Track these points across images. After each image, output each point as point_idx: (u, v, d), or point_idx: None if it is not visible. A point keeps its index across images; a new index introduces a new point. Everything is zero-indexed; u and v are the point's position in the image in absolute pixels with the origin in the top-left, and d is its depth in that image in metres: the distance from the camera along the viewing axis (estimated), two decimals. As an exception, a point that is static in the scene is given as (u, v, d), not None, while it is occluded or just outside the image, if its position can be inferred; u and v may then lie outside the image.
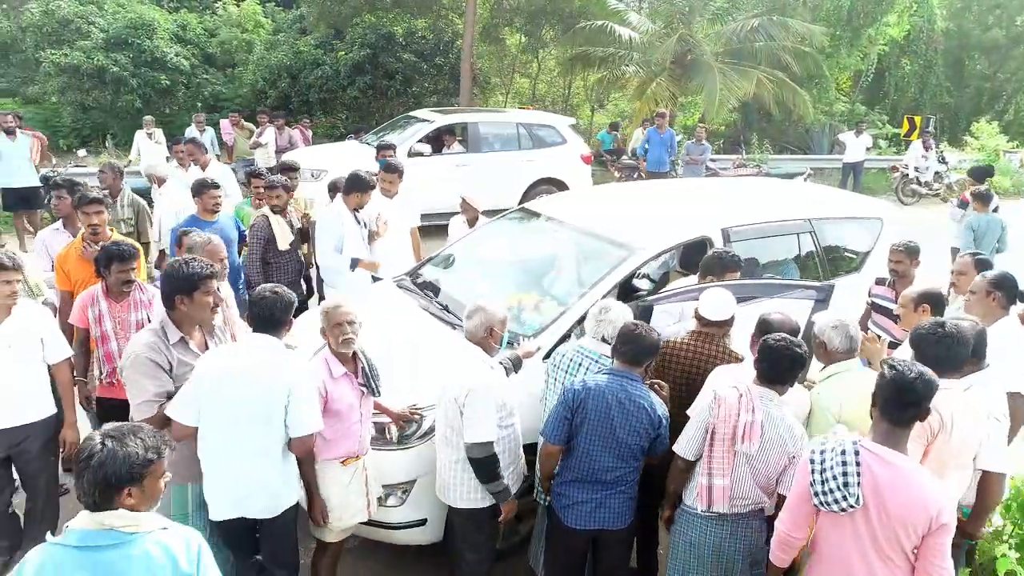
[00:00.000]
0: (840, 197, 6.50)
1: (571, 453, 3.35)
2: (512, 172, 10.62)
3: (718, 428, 3.05)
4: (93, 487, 2.07)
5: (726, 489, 3.06)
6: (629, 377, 3.30)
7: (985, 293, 3.92)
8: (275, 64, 17.71)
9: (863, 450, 2.56)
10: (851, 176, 14.59)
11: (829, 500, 2.58)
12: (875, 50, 17.96)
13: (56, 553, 2.06)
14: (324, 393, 3.26)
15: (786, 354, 3.04)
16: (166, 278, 3.22)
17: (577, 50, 16.63)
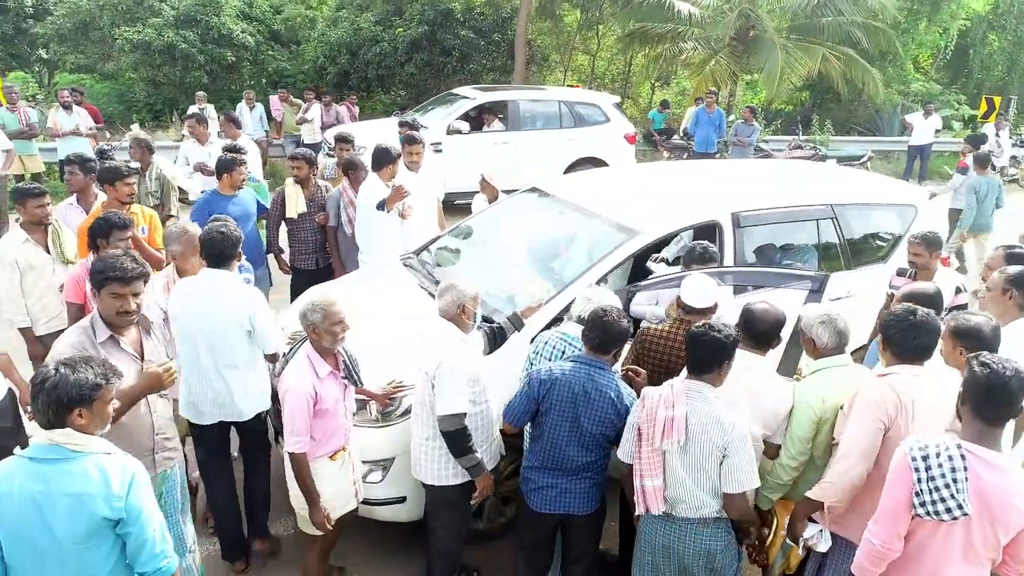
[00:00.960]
0: (871, 182, 6.18)
1: (538, 439, 3.35)
2: (552, 150, 10.53)
3: (643, 427, 2.99)
4: (47, 407, 2.31)
5: (658, 490, 2.96)
6: (596, 365, 3.25)
7: (1001, 291, 3.66)
8: (335, 41, 17.99)
9: (968, 454, 2.43)
10: (917, 160, 13.84)
11: (940, 509, 2.42)
12: (956, 25, 16.84)
13: (15, 463, 2.33)
14: (313, 395, 3.25)
15: (704, 341, 2.95)
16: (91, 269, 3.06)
17: (635, 26, 16.27)
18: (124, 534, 2.37)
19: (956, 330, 3.12)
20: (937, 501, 2.42)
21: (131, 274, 3.00)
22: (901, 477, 2.50)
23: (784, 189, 5.44)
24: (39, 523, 2.26)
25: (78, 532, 2.29)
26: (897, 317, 3.08)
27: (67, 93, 9.27)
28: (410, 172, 5.93)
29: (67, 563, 2.32)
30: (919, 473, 2.44)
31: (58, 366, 2.34)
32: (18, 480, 2.28)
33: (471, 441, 3.38)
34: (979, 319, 3.17)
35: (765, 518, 3.40)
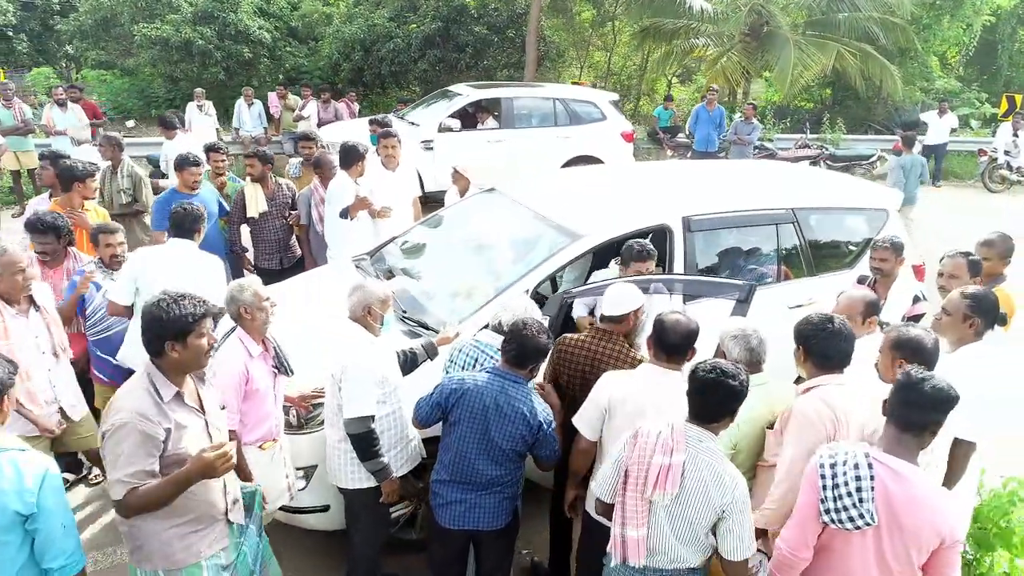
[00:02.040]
0: (839, 185, 5.99)
1: (447, 451, 3.29)
2: (547, 149, 10.43)
3: (631, 470, 2.66)
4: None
5: (642, 541, 2.65)
6: (511, 378, 3.17)
7: (962, 318, 3.36)
8: (349, 37, 18.06)
9: (876, 463, 2.41)
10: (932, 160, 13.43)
11: (843, 517, 2.40)
12: (980, 20, 16.28)
13: None
14: (245, 373, 3.28)
15: (720, 386, 2.58)
16: (150, 320, 2.64)
17: (648, 21, 16.06)
18: (33, 530, 2.39)
19: (896, 342, 3.03)
20: (841, 509, 2.40)
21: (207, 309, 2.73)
22: (810, 484, 2.49)
23: (742, 192, 5.31)
24: None
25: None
26: (815, 326, 3.02)
27: (61, 91, 9.46)
28: (386, 169, 5.93)
29: None
30: (824, 480, 2.43)
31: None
32: None
33: (378, 445, 3.36)
34: (919, 332, 3.06)
35: None
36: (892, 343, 3.04)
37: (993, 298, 3.43)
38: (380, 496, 3.50)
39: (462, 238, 5.21)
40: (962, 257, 4.14)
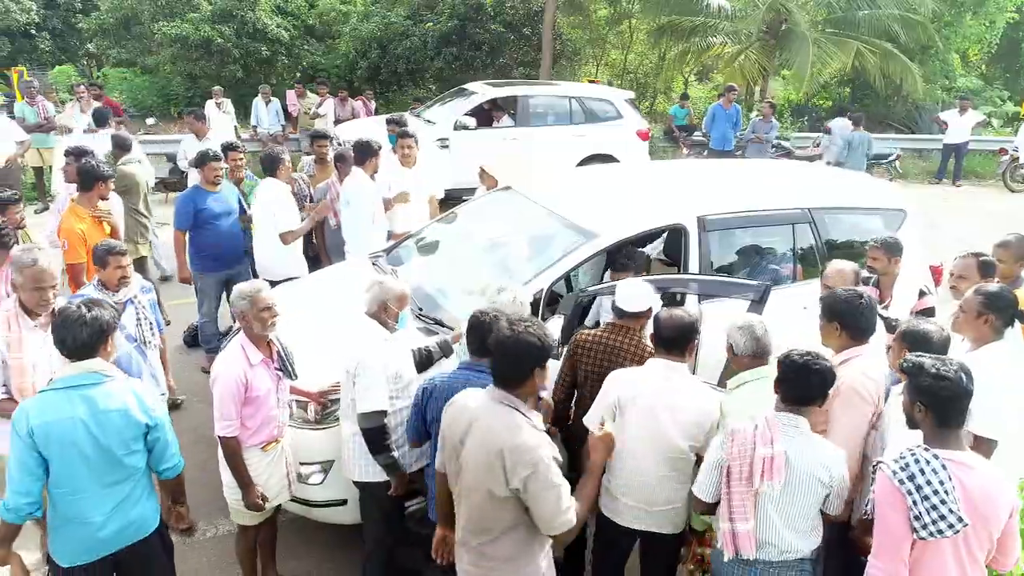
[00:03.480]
0: (856, 185, 5.95)
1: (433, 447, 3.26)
2: (562, 147, 10.43)
3: (733, 466, 2.73)
4: (90, 336, 2.73)
5: (751, 533, 2.71)
6: (476, 369, 3.13)
7: (976, 314, 3.37)
8: (366, 35, 18.13)
9: (948, 462, 2.42)
10: (952, 159, 13.29)
11: (942, 527, 2.37)
12: (1003, 18, 16.06)
13: (51, 396, 2.73)
14: (244, 382, 3.32)
15: (815, 371, 2.70)
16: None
17: (664, 20, 15.99)
18: (153, 439, 2.87)
19: (905, 335, 3.12)
20: (937, 520, 2.37)
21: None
22: (892, 503, 2.44)
23: (757, 192, 5.28)
24: (88, 439, 2.69)
25: (126, 439, 2.77)
26: (848, 301, 3.22)
27: (83, 88, 9.59)
28: (403, 168, 6.00)
29: (115, 468, 2.79)
30: (912, 496, 2.39)
31: (81, 305, 2.77)
32: (61, 405, 2.68)
33: (389, 439, 3.39)
34: (930, 326, 3.14)
35: (702, 538, 3.35)
36: (902, 335, 3.16)
37: (1009, 295, 3.41)
38: (390, 490, 3.52)
39: (477, 236, 5.24)
40: (972, 258, 4.11)
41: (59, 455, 2.67)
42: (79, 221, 5.01)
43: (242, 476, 3.40)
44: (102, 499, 2.78)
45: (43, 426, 2.64)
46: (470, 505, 2.61)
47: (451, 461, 2.68)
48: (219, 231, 5.65)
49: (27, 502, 2.67)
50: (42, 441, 2.64)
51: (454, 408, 2.70)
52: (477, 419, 2.56)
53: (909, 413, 2.57)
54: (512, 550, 2.59)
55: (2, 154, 8.40)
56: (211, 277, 5.77)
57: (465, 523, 2.65)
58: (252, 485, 3.42)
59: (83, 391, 2.70)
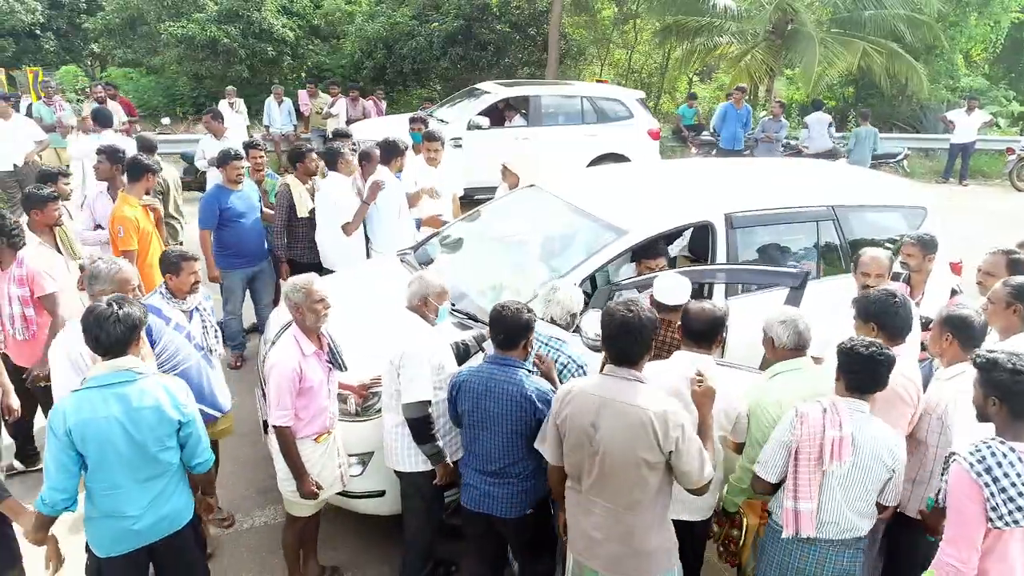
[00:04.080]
0: (877, 183, 6.01)
1: (465, 438, 3.38)
2: (574, 146, 10.49)
3: (802, 448, 2.82)
4: (113, 338, 2.75)
5: (813, 513, 2.84)
6: (500, 362, 3.22)
7: (1005, 304, 3.48)
8: (372, 35, 18.18)
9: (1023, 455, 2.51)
10: (960, 158, 13.37)
11: (1019, 517, 2.46)
12: (1008, 18, 16.15)
13: (85, 394, 2.77)
14: (299, 372, 3.37)
15: (880, 360, 2.81)
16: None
17: (670, 20, 16.05)
18: (185, 435, 2.93)
19: (947, 320, 3.24)
20: (1014, 511, 2.46)
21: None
22: (970, 495, 2.51)
23: (783, 190, 5.34)
24: (123, 436, 2.75)
25: (160, 436, 2.83)
26: (883, 303, 3.28)
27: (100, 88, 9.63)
28: (428, 168, 6.09)
29: (149, 464, 2.85)
30: (990, 488, 2.48)
31: (109, 303, 2.80)
32: (96, 405, 2.73)
33: (434, 429, 3.44)
34: (969, 311, 3.25)
35: (733, 519, 3.41)
36: (943, 320, 3.25)
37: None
38: (434, 479, 3.57)
39: (506, 233, 5.28)
40: (1002, 255, 4.15)
41: (96, 453, 2.74)
42: (131, 209, 5.16)
43: (297, 466, 3.46)
44: (138, 494, 2.85)
45: (79, 425, 2.70)
46: (617, 482, 2.74)
47: (580, 448, 2.78)
48: (242, 229, 5.73)
49: (62, 498, 2.75)
50: (79, 440, 2.71)
51: (575, 399, 2.80)
52: (606, 400, 2.74)
53: (982, 407, 2.64)
54: (653, 517, 2.79)
55: (21, 153, 8.44)
56: (235, 275, 5.83)
57: (608, 502, 2.77)
58: (306, 474, 3.48)
59: (116, 389, 2.76)
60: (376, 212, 5.76)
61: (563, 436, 2.86)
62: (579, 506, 2.88)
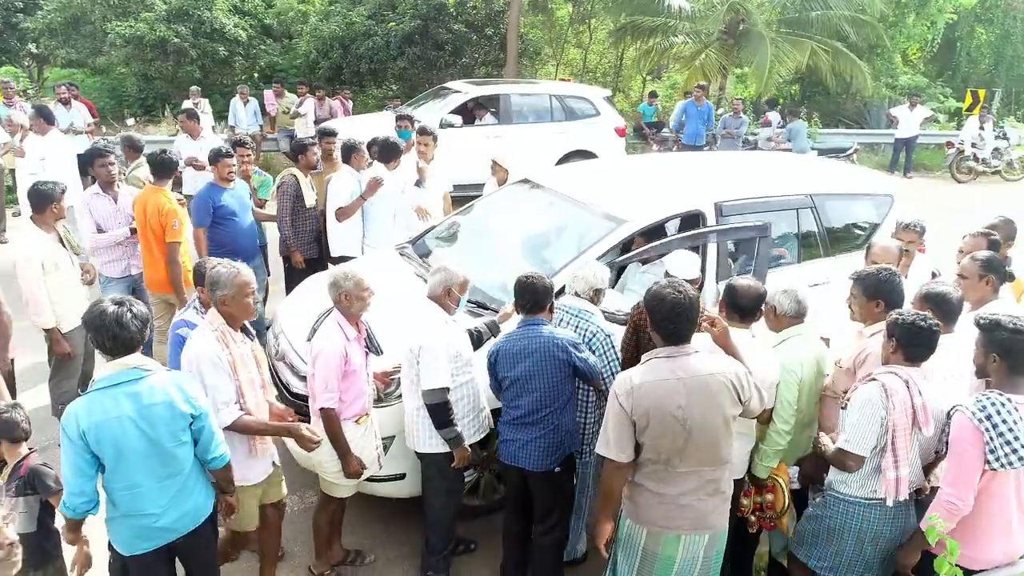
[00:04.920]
0: (848, 173, 6.38)
1: (507, 394, 3.68)
2: (544, 144, 10.67)
3: (897, 420, 2.98)
4: (122, 339, 2.75)
5: (906, 477, 3.05)
6: (531, 323, 3.58)
7: (978, 277, 3.83)
8: (327, 35, 18.03)
9: (1019, 405, 2.81)
10: (903, 152, 14.05)
11: (1013, 460, 2.78)
12: (943, 18, 17.03)
13: (97, 397, 2.75)
14: (345, 355, 3.50)
15: (935, 331, 3.04)
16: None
17: (626, 19, 16.39)
18: (197, 429, 2.92)
19: (927, 296, 3.48)
20: (1009, 453, 2.78)
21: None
22: (972, 440, 2.81)
23: (765, 179, 5.62)
24: (137, 435, 2.75)
25: (174, 431, 2.83)
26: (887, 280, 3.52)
27: (64, 88, 9.37)
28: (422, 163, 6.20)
29: (167, 461, 2.85)
30: (989, 433, 2.78)
31: (115, 303, 2.78)
32: (108, 405, 2.72)
33: (452, 415, 3.61)
34: (947, 288, 3.53)
35: (764, 486, 3.59)
36: (924, 296, 3.51)
37: (999, 258, 3.93)
38: (452, 461, 3.72)
39: (504, 226, 5.41)
40: (982, 237, 4.50)
41: (112, 453, 2.74)
42: (171, 203, 5.25)
43: (342, 445, 3.56)
44: (158, 493, 2.86)
45: (93, 428, 2.68)
46: (708, 446, 2.89)
47: (669, 432, 2.84)
48: (236, 227, 5.71)
49: (82, 501, 2.76)
50: (94, 442, 2.70)
51: (651, 391, 2.84)
52: (685, 380, 2.85)
53: (982, 364, 2.93)
54: (730, 462, 3.05)
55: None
56: None
57: (699, 466, 2.91)
58: (351, 453, 3.59)
59: (127, 388, 2.75)
60: (372, 208, 5.84)
61: (642, 430, 2.88)
62: (663, 482, 2.95)
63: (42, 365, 5.19)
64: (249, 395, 3.30)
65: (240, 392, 3.26)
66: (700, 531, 2.98)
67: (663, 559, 3.00)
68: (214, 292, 3.27)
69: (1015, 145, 14.22)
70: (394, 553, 4.21)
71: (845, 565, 3.20)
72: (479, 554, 4.24)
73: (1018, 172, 14.13)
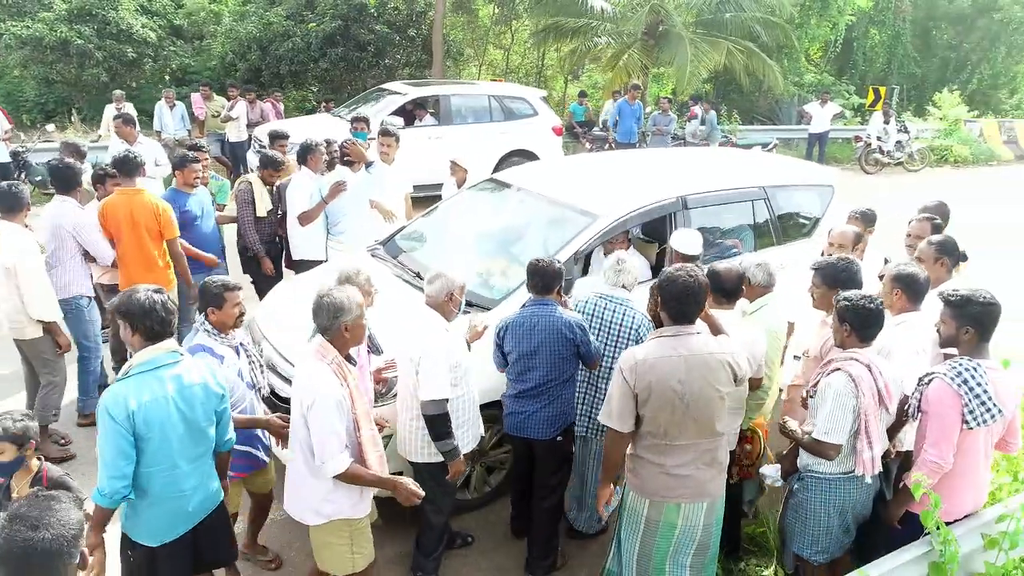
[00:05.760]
0: (793, 165, 6.75)
1: (512, 370, 3.88)
2: (484, 144, 10.73)
3: (867, 405, 3.13)
4: (163, 323, 2.82)
5: (879, 453, 3.22)
6: (541, 303, 3.79)
7: (934, 260, 4.11)
8: (244, 36, 17.50)
9: (988, 370, 3.09)
10: (816, 146, 14.89)
11: (986, 417, 3.06)
12: (844, 20, 18.15)
13: (143, 379, 2.79)
14: (358, 356, 3.44)
15: (881, 310, 3.25)
16: None
17: (549, 21, 16.64)
18: (222, 409, 3.03)
19: (897, 276, 3.72)
20: (984, 412, 3.05)
21: None
22: (951, 403, 3.06)
23: (723, 173, 5.88)
24: (178, 415, 2.83)
25: (209, 410, 2.94)
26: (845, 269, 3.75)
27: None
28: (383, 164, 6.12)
29: (200, 441, 2.94)
30: (966, 395, 3.04)
31: (148, 292, 2.83)
32: (155, 387, 2.79)
33: (450, 426, 3.54)
34: (915, 269, 3.76)
35: (744, 438, 3.85)
36: (894, 277, 3.73)
37: (953, 240, 4.21)
38: (447, 471, 3.66)
39: (476, 225, 5.44)
40: (927, 221, 4.82)
41: (158, 434, 2.79)
42: (157, 199, 5.20)
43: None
44: (192, 472, 2.94)
45: (142, 408, 2.73)
46: (703, 420, 3.06)
47: (668, 406, 3.02)
48: (201, 233, 5.57)
49: (123, 485, 2.76)
50: (142, 423, 2.74)
51: (654, 366, 3.01)
52: (687, 357, 3.03)
53: (953, 336, 3.16)
54: (725, 433, 3.23)
55: None
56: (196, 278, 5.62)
57: (695, 439, 3.09)
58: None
59: (169, 370, 2.83)
60: (339, 209, 5.78)
61: (643, 402, 3.04)
62: (662, 454, 3.12)
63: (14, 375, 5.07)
64: (365, 429, 3.11)
65: (356, 426, 3.07)
66: (699, 499, 3.18)
67: (665, 526, 3.21)
68: (336, 320, 3.03)
69: (914, 138, 15.36)
70: (393, 552, 4.17)
71: (834, 543, 3.39)
72: (476, 547, 4.28)
73: (918, 163, 15.27)
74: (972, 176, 15.52)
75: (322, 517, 3.16)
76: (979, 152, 17.06)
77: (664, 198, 5.13)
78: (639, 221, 5.08)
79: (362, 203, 6.01)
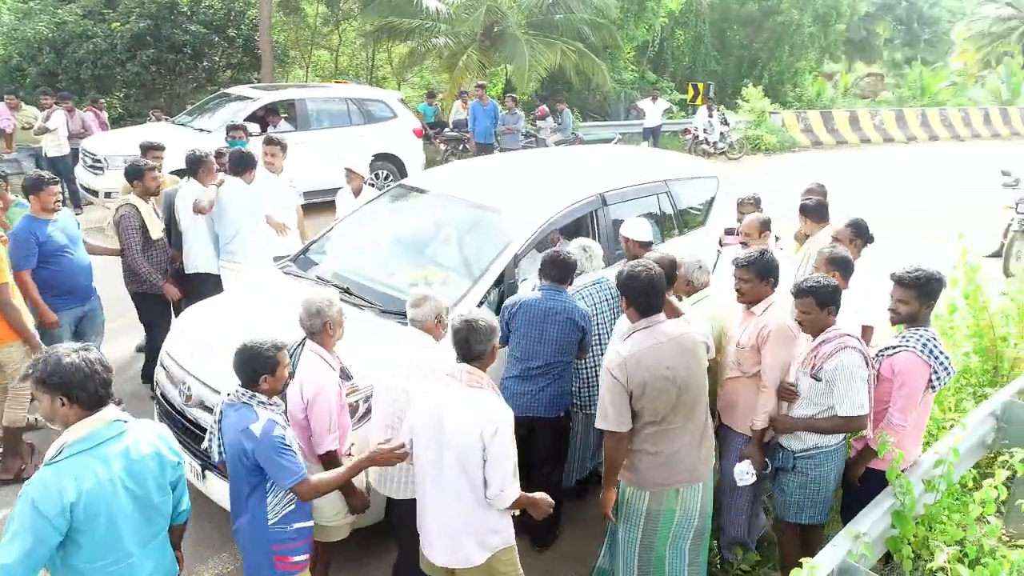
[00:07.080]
0: (685, 160, 7.15)
1: (515, 351, 4.04)
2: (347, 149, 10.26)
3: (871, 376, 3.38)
4: (97, 390, 2.34)
5: None
6: (555, 290, 4.04)
7: (849, 240, 4.49)
8: (32, 37, 15.42)
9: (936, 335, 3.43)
10: (651, 140, 15.88)
11: (945, 379, 3.41)
12: (658, 22, 19.50)
13: (79, 461, 2.28)
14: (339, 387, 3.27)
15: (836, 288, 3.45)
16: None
17: (382, 21, 16.30)
18: (177, 477, 2.63)
19: (832, 259, 3.99)
20: (944, 375, 3.42)
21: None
22: (918, 371, 3.35)
23: (631, 170, 6.07)
24: (126, 496, 2.38)
25: (162, 483, 2.52)
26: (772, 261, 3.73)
27: None
28: (270, 174, 5.70)
29: (152, 519, 2.50)
30: (932, 363, 3.35)
31: (74, 352, 2.36)
32: (97, 469, 2.30)
33: None
34: (846, 252, 4.08)
35: None
36: (828, 260, 4.00)
37: (865, 223, 4.61)
38: None
39: (397, 234, 5.19)
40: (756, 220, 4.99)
41: (106, 525, 2.32)
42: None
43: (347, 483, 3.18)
44: (145, 558, 2.48)
45: (83, 498, 2.23)
46: (694, 400, 3.20)
47: (663, 393, 3.10)
48: (70, 262, 4.78)
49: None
50: (83, 517, 2.25)
51: (641, 360, 3.07)
52: (665, 344, 3.12)
53: (914, 312, 3.43)
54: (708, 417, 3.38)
55: None
56: (64, 316, 4.85)
57: (688, 420, 3.20)
58: (357, 489, 3.34)
59: (112, 445, 2.36)
60: (229, 221, 5.37)
61: (638, 396, 3.09)
62: (660, 441, 3.18)
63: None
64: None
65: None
66: (695, 482, 3.28)
67: (665, 513, 3.28)
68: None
69: (733, 129, 16.88)
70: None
71: (831, 506, 3.68)
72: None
73: (738, 152, 16.83)
74: (780, 162, 17.35)
75: (488, 550, 2.92)
76: (784, 140, 19.08)
77: (585, 196, 5.20)
78: (566, 220, 5.09)
79: (256, 217, 5.55)
